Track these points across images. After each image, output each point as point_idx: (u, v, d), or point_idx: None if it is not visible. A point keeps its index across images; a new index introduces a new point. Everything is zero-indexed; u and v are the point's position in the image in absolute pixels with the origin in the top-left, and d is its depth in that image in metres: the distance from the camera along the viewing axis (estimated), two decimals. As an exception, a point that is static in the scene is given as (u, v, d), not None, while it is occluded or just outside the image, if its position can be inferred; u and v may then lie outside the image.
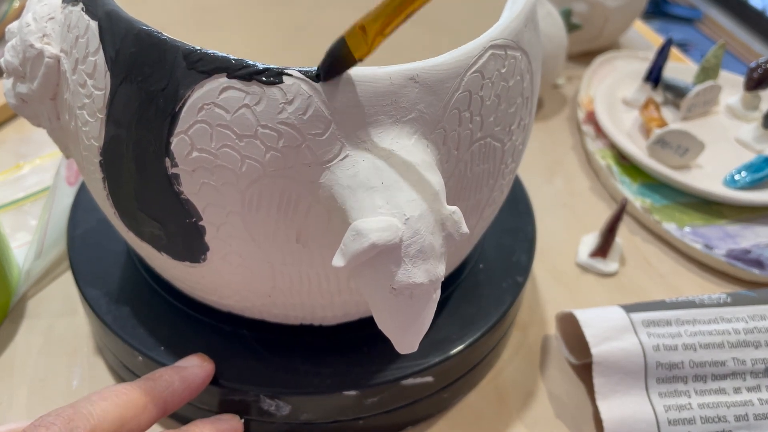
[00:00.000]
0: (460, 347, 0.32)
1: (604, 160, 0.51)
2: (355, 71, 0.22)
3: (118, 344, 0.32)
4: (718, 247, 0.44)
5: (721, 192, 0.47)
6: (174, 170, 0.24)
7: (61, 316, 0.38)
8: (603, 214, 0.48)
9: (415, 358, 0.31)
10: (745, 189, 0.47)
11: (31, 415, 0.33)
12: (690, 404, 0.33)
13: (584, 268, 0.44)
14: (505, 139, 0.26)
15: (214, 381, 0.30)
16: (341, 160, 0.22)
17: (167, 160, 0.23)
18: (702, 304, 0.35)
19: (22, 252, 0.39)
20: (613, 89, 0.57)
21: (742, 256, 0.44)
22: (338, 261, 0.21)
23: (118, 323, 0.32)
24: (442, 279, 0.22)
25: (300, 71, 0.22)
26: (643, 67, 0.58)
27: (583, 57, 0.64)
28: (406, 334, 0.22)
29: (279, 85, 0.22)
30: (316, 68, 0.22)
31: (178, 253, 0.27)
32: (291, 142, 0.22)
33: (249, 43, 0.40)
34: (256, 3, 0.39)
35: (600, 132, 0.54)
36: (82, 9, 0.25)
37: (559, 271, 0.43)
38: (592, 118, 0.55)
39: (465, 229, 0.22)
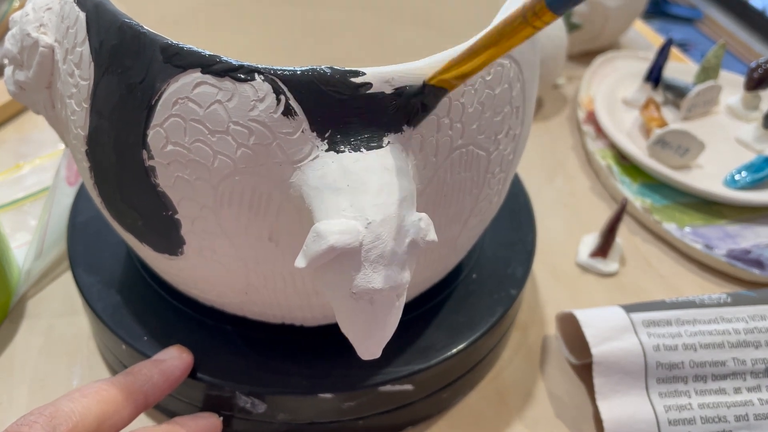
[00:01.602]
0: (442, 357, 0.32)
1: (604, 160, 0.51)
2: (331, 72, 0.22)
3: (106, 333, 0.32)
4: (718, 247, 0.44)
5: (722, 192, 0.47)
6: (150, 162, 0.24)
7: (61, 316, 0.38)
8: (603, 214, 0.48)
9: (396, 365, 0.31)
10: (746, 189, 0.47)
11: (31, 415, 0.33)
12: (690, 404, 0.33)
13: (584, 268, 0.44)
14: (490, 148, 0.26)
15: (193, 374, 0.30)
16: (312, 160, 0.22)
17: (144, 152, 0.24)
18: (702, 304, 0.35)
19: (22, 252, 0.39)
20: (613, 89, 0.57)
21: (743, 256, 0.44)
22: (300, 262, 0.21)
23: (107, 312, 0.32)
24: (406, 286, 0.21)
25: (273, 69, 0.22)
26: (644, 67, 0.58)
27: (583, 57, 0.64)
28: (367, 340, 0.22)
29: (251, 83, 0.22)
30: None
31: (157, 244, 0.27)
32: (262, 139, 0.22)
33: (263, 40, 0.40)
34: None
35: (600, 132, 0.54)
36: (74, 0, 0.25)
37: (559, 271, 0.43)
38: (592, 118, 0.55)
39: (432, 237, 0.22)
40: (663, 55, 0.55)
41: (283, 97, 0.22)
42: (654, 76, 0.55)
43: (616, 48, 0.67)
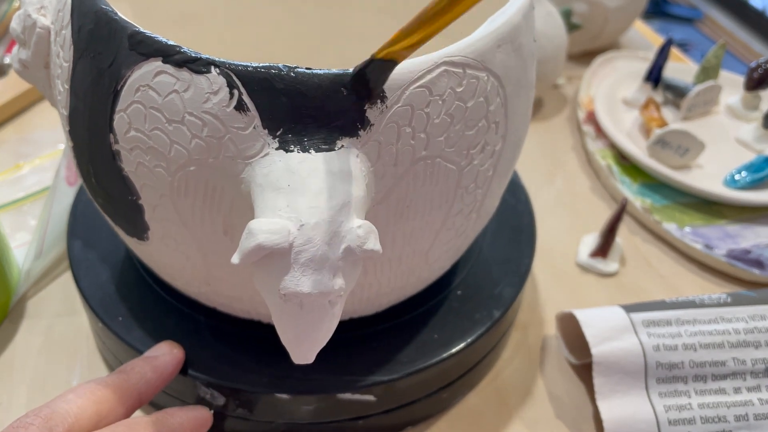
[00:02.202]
0: (407, 372, 0.31)
1: (604, 160, 0.51)
2: (287, 71, 0.22)
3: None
4: (718, 247, 0.44)
5: (722, 192, 0.47)
6: (116, 147, 0.24)
7: (61, 316, 0.38)
8: (603, 214, 0.48)
9: (360, 374, 0.30)
10: (746, 189, 0.47)
11: (31, 415, 0.33)
12: (690, 404, 0.33)
13: (584, 268, 0.44)
14: (462, 162, 0.25)
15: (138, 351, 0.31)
16: (262, 157, 0.22)
17: (111, 135, 0.24)
18: (702, 304, 0.35)
19: (21, 252, 0.39)
20: (613, 89, 0.57)
21: (742, 256, 0.44)
22: (235, 258, 0.20)
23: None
24: (340, 293, 0.21)
25: (228, 64, 0.22)
26: (644, 67, 0.58)
27: (583, 57, 0.64)
28: (299, 345, 0.22)
29: (207, 75, 0.22)
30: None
31: (126, 228, 0.28)
32: (214, 132, 0.22)
33: (283, 38, 0.40)
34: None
35: (600, 132, 0.54)
36: None
37: (559, 271, 0.43)
38: (592, 118, 0.55)
39: (372, 246, 0.21)
40: (663, 55, 0.55)
41: (236, 92, 0.22)
42: (654, 76, 0.55)
43: (616, 48, 0.67)
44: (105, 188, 0.26)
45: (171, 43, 0.22)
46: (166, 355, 0.29)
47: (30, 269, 0.38)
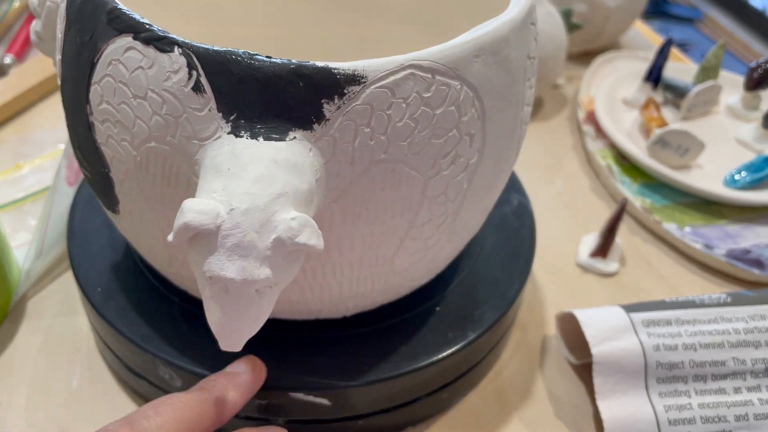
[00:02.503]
0: (368, 380, 0.30)
1: (604, 160, 0.51)
2: (246, 57, 0.22)
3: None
4: (718, 247, 0.44)
5: (721, 192, 0.47)
6: (91, 118, 0.25)
7: (61, 316, 0.38)
8: (603, 214, 0.48)
9: (317, 376, 0.30)
10: (745, 189, 0.47)
11: (30, 415, 0.33)
12: (690, 404, 0.33)
13: (584, 268, 0.44)
14: (428, 171, 0.25)
15: (122, 334, 0.31)
16: (214, 140, 0.22)
17: (88, 106, 0.25)
18: (702, 304, 0.35)
19: (22, 252, 0.39)
20: (613, 89, 0.57)
21: (742, 256, 0.44)
22: (170, 236, 0.21)
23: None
24: (267, 283, 0.21)
25: (191, 45, 0.22)
26: (643, 67, 0.58)
27: (583, 57, 0.64)
28: (224, 330, 0.22)
29: (169, 54, 0.22)
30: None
31: (102, 199, 0.28)
32: (173, 111, 0.23)
33: (311, 36, 0.40)
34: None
35: (600, 132, 0.54)
36: None
37: (559, 271, 0.43)
38: (592, 118, 0.55)
39: (306, 240, 0.21)
40: (663, 55, 0.55)
41: (195, 73, 0.22)
42: (654, 76, 0.55)
43: (616, 48, 0.67)
44: (86, 158, 0.27)
45: (143, 20, 0.23)
46: (248, 372, 0.28)
47: (30, 269, 0.38)
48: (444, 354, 0.31)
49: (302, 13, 0.40)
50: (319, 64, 0.22)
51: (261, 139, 0.22)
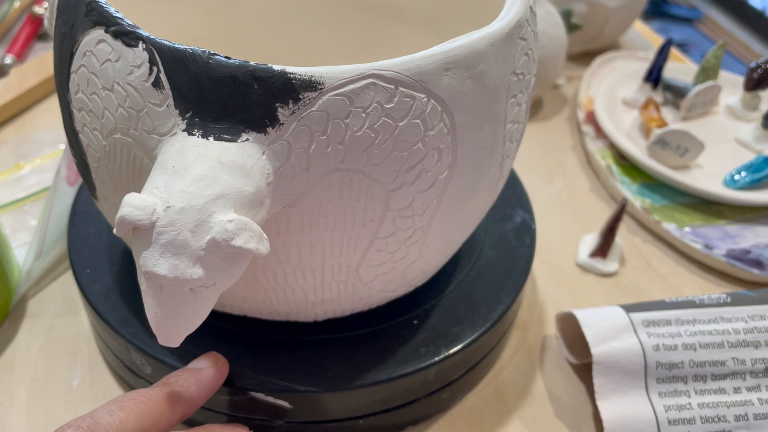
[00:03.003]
0: (331, 387, 0.30)
1: (604, 160, 0.51)
2: (205, 56, 0.22)
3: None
4: (717, 247, 0.44)
5: (721, 192, 0.47)
6: (71, 106, 0.26)
7: (62, 316, 0.38)
8: (603, 214, 0.48)
9: (277, 377, 0.30)
10: (745, 189, 0.47)
11: (31, 415, 0.33)
12: (690, 404, 0.33)
13: (584, 268, 0.44)
14: (390, 183, 0.24)
15: (102, 317, 0.32)
16: (170, 136, 0.22)
17: (68, 95, 0.26)
18: (702, 304, 0.35)
19: (22, 252, 0.39)
20: (613, 89, 0.57)
21: (742, 256, 0.44)
22: (114, 229, 0.21)
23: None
24: (201, 284, 0.21)
25: (154, 41, 0.22)
26: (643, 67, 0.58)
27: (583, 57, 0.64)
28: (160, 326, 0.22)
29: (134, 48, 0.23)
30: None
31: (86, 183, 0.29)
32: (134, 104, 0.23)
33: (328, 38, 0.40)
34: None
35: (600, 132, 0.54)
36: None
37: (559, 271, 0.43)
38: (592, 118, 0.55)
39: (242, 243, 0.21)
40: (662, 55, 0.55)
41: (155, 69, 0.22)
42: (654, 77, 0.55)
43: (615, 48, 0.67)
44: (71, 144, 0.28)
45: (115, 14, 0.23)
46: (210, 367, 0.28)
47: (30, 269, 0.38)
48: (410, 369, 0.31)
49: (321, 15, 0.40)
50: (276, 67, 0.22)
51: (212, 138, 0.22)
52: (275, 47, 0.40)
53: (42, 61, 0.56)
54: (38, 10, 0.62)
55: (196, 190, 0.21)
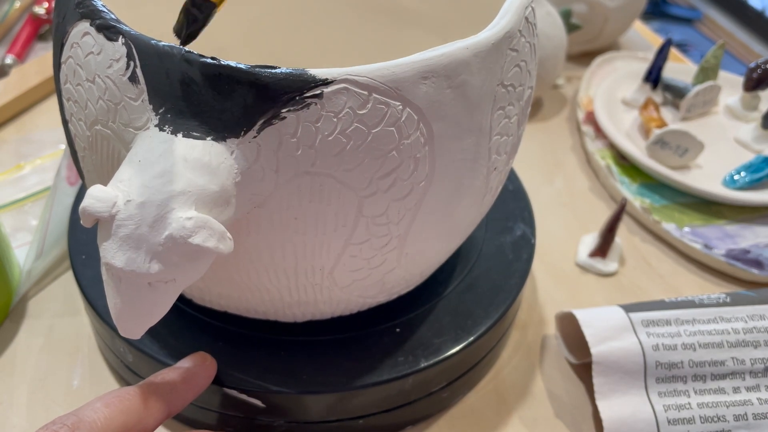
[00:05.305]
0: (304, 389, 0.30)
1: (603, 160, 0.51)
2: (180, 54, 0.22)
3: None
4: (717, 247, 0.44)
5: (721, 192, 0.47)
6: (61, 96, 0.27)
7: (62, 316, 0.38)
8: (603, 214, 0.48)
9: (252, 376, 0.30)
10: (745, 189, 0.47)
11: (32, 415, 0.33)
12: (689, 404, 0.33)
13: (584, 268, 0.44)
14: (363, 190, 0.24)
15: (94, 308, 0.32)
16: (144, 130, 0.23)
17: (60, 84, 0.26)
18: (701, 304, 0.35)
19: (22, 252, 0.39)
20: (612, 89, 0.57)
21: (742, 256, 0.44)
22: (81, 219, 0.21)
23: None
24: (158, 278, 0.21)
25: (133, 36, 0.23)
26: (643, 67, 0.58)
27: (583, 57, 0.64)
28: (120, 318, 0.22)
29: (114, 42, 0.23)
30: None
31: (78, 172, 0.29)
32: (113, 97, 0.23)
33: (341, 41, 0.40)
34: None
35: (600, 132, 0.54)
36: None
37: (558, 271, 0.43)
38: (591, 119, 0.55)
39: (200, 241, 0.21)
40: (662, 55, 0.55)
41: (132, 63, 0.23)
42: (653, 77, 0.55)
43: (615, 48, 0.67)
44: (65, 131, 0.28)
45: (101, 8, 0.24)
46: (197, 366, 0.29)
47: (31, 269, 0.38)
48: (386, 377, 0.30)
49: (338, 17, 0.40)
50: (247, 67, 0.22)
51: (180, 135, 0.22)
52: (288, 48, 0.40)
53: (42, 61, 0.56)
54: (38, 10, 0.62)
55: (158, 185, 0.21)
